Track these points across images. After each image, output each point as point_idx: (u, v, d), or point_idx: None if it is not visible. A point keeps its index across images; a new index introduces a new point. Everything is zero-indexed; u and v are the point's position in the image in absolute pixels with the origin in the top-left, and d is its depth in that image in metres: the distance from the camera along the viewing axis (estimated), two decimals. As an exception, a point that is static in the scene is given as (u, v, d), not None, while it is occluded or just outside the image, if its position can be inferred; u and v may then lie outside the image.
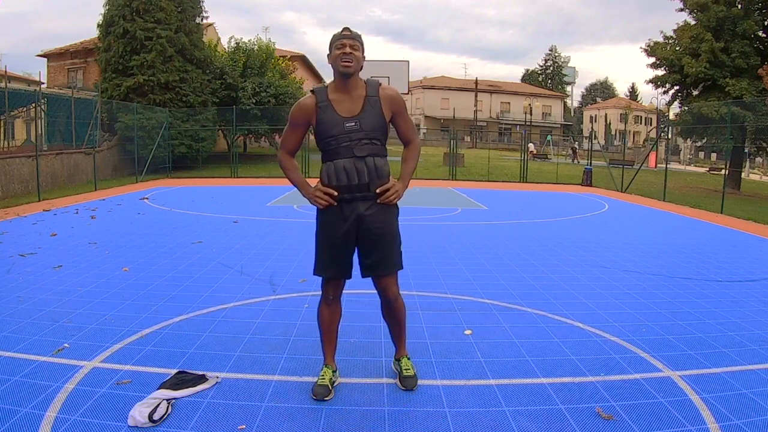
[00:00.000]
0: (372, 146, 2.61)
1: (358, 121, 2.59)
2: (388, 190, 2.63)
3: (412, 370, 2.92)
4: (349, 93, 2.62)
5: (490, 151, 27.47)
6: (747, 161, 27.82)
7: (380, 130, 2.63)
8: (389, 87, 2.70)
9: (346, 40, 2.57)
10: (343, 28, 2.63)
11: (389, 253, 2.70)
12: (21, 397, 2.67)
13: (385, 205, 2.65)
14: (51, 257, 5.86)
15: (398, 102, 2.70)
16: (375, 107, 2.62)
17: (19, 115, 18.62)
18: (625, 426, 2.53)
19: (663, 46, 19.98)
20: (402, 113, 2.72)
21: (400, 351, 3.00)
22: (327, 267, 2.75)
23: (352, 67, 2.56)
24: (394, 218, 2.73)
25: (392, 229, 2.71)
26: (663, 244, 7.70)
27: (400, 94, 2.74)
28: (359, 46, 2.60)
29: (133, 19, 19.10)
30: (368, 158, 2.59)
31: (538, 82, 71.30)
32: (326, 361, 2.90)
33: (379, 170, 2.61)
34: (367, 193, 2.60)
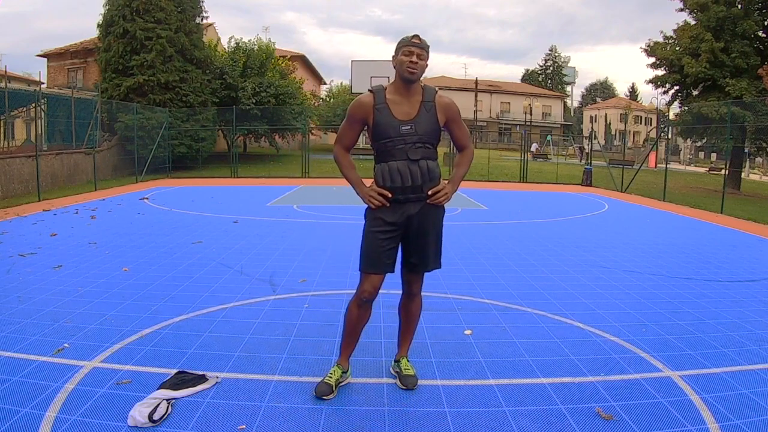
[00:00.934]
0: (425, 150, 2.68)
1: (414, 125, 2.66)
2: (439, 191, 2.71)
3: (412, 369, 2.94)
4: (406, 97, 2.69)
5: (490, 151, 27.47)
6: (747, 161, 27.82)
7: (433, 135, 2.70)
8: (445, 96, 2.78)
9: (415, 48, 2.63)
10: (413, 35, 2.67)
11: (433, 251, 2.81)
12: (21, 397, 2.67)
13: (434, 205, 2.74)
14: (51, 257, 5.86)
15: (453, 110, 2.78)
16: (430, 113, 2.69)
17: (19, 115, 18.63)
18: (625, 426, 2.53)
19: (663, 46, 19.98)
20: (457, 121, 2.80)
21: (402, 351, 3.02)
22: (376, 264, 2.74)
23: (417, 74, 2.63)
24: (441, 218, 2.83)
25: (438, 228, 2.81)
26: (663, 244, 7.70)
27: (455, 103, 2.84)
28: (425, 56, 2.66)
29: (133, 19, 19.10)
30: (421, 161, 2.67)
31: (538, 82, 71.30)
32: (339, 361, 2.90)
33: (431, 173, 2.69)
34: (420, 194, 2.68)
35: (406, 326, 3.00)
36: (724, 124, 15.01)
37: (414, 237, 2.75)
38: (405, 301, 2.95)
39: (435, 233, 2.80)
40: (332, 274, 5.36)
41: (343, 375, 2.88)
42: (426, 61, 2.67)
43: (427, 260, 2.81)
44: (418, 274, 2.87)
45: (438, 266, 2.88)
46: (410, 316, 2.97)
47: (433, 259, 2.84)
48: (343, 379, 2.89)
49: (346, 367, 2.90)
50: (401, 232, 2.74)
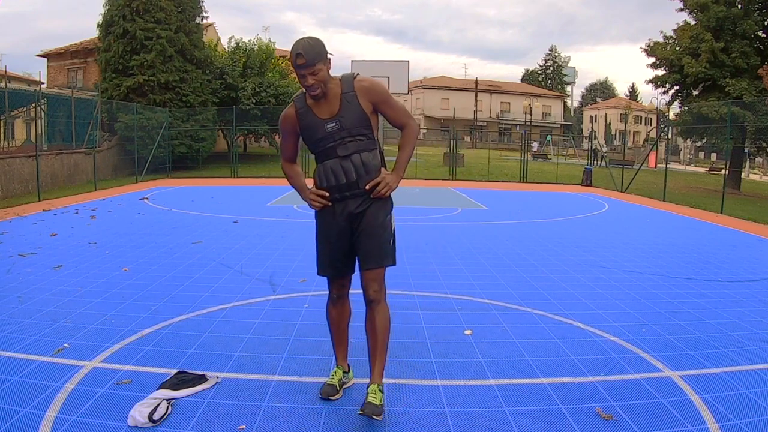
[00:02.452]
0: (357, 143, 2.55)
1: (338, 120, 2.53)
2: (378, 183, 2.56)
3: (378, 397, 2.50)
4: (325, 95, 2.53)
5: (490, 151, 27.47)
6: (747, 161, 27.81)
7: (362, 125, 2.56)
8: (365, 78, 2.58)
9: (304, 71, 2.40)
10: (296, 53, 2.39)
11: (377, 243, 2.59)
12: (21, 397, 2.67)
13: (378, 198, 2.59)
14: (51, 257, 5.86)
15: (376, 90, 2.58)
16: (352, 103, 2.54)
17: (19, 115, 18.63)
18: (625, 426, 2.53)
19: (663, 46, 19.98)
20: (385, 101, 2.60)
21: (373, 376, 2.58)
22: (326, 267, 2.72)
23: (320, 91, 2.47)
24: (386, 210, 2.64)
25: (381, 220, 2.61)
26: (663, 244, 7.70)
27: (379, 83, 2.64)
28: (320, 66, 2.41)
29: (133, 19, 19.10)
30: (354, 156, 2.55)
31: (538, 82, 71.29)
32: (337, 362, 2.89)
33: (366, 166, 2.56)
34: (356, 190, 2.57)
35: (372, 344, 2.61)
36: (724, 124, 15.02)
37: (358, 233, 2.60)
38: (367, 314, 2.64)
39: (380, 226, 2.59)
40: (332, 274, 5.35)
41: (345, 375, 2.87)
42: (323, 70, 2.43)
43: (372, 254, 2.58)
44: (370, 271, 2.59)
45: (386, 263, 2.62)
46: (374, 332, 2.59)
47: (377, 254, 2.58)
48: (347, 380, 2.88)
49: (345, 367, 2.89)
50: (347, 231, 2.62)
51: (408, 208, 11.35)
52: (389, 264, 2.65)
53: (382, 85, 2.64)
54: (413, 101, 58.28)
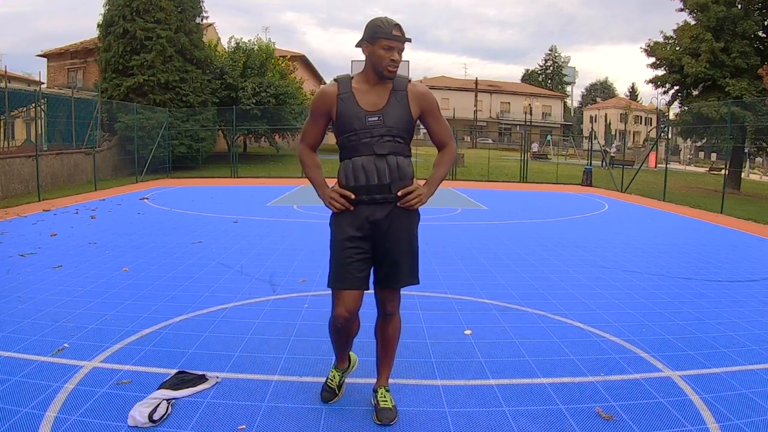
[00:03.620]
0: (395, 144, 2.35)
1: (382, 115, 2.33)
2: (411, 192, 2.37)
3: (390, 401, 2.56)
4: (375, 85, 2.38)
5: (490, 151, 27.48)
6: (747, 161, 27.81)
7: (404, 128, 2.38)
8: (420, 84, 2.48)
9: (397, 44, 2.30)
10: (395, 24, 2.32)
11: (405, 263, 2.44)
12: (21, 397, 2.67)
13: (405, 209, 2.40)
14: (51, 257, 5.86)
15: (429, 100, 2.44)
16: (401, 102, 2.37)
17: (19, 115, 18.63)
18: (625, 426, 2.53)
19: (663, 46, 19.98)
20: (434, 113, 2.47)
21: (380, 379, 2.64)
22: (341, 277, 2.38)
23: (396, 71, 2.36)
24: (414, 226, 2.49)
25: (410, 237, 2.46)
26: (663, 244, 7.70)
27: (432, 93, 2.50)
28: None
29: (133, 19, 19.10)
30: (390, 157, 2.33)
31: (538, 82, 71.30)
32: (337, 364, 2.78)
33: (401, 170, 2.35)
34: (387, 195, 2.34)
35: (383, 351, 2.60)
36: (724, 124, 15.02)
37: (383, 245, 2.40)
38: (380, 323, 2.57)
39: (407, 242, 2.44)
40: (332, 274, 5.35)
41: (345, 373, 2.83)
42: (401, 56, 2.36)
43: (398, 273, 2.43)
44: (391, 289, 2.47)
45: (414, 281, 2.50)
46: (386, 340, 2.57)
47: (407, 273, 2.46)
48: (347, 374, 2.84)
49: (345, 366, 2.83)
50: (370, 240, 2.39)
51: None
52: (415, 283, 2.54)
53: (434, 97, 2.50)
54: (413, 101, 58.17)
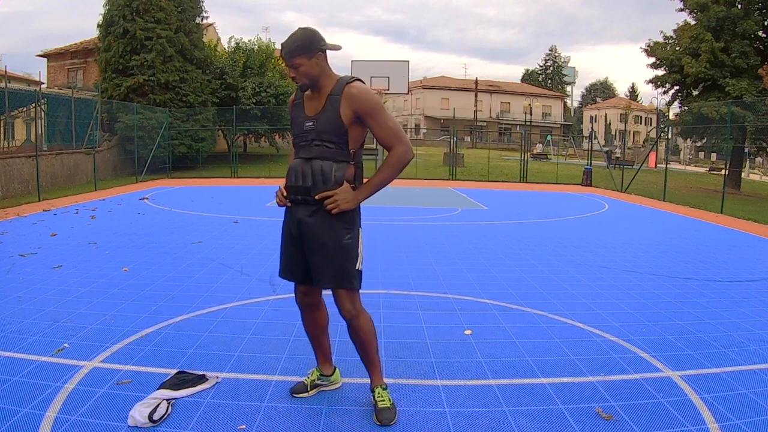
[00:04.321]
0: (322, 149, 2.41)
1: (316, 120, 2.42)
2: (329, 197, 2.38)
3: (387, 400, 2.59)
4: (318, 91, 2.45)
5: (490, 151, 27.48)
6: (747, 161, 27.82)
7: (334, 133, 2.39)
8: (357, 85, 2.40)
9: (286, 63, 2.39)
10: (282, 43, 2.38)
11: (332, 266, 2.44)
12: (21, 397, 2.67)
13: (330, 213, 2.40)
14: (51, 257, 5.86)
15: (362, 101, 2.37)
16: (334, 107, 2.39)
17: (19, 115, 18.62)
18: (625, 426, 2.53)
19: (663, 46, 19.99)
20: (371, 115, 2.38)
21: (373, 380, 2.66)
22: (282, 269, 2.63)
23: (303, 83, 2.41)
24: (341, 229, 2.44)
25: (336, 240, 2.43)
26: (663, 244, 7.70)
27: (370, 94, 2.41)
28: (300, 60, 2.35)
29: (133, 19, 19.11)
30: (315, 161, 2.41)
31: (538, 82, 71.30)
32: (317, 364, 2.84)
33: (324, 175, 2.39)
34: (307, 197, 2.43)
35: (362, 356, 2.63)
36: (724, 124, 15.02)
37: (308, 246, 2.47)
38: (348, 328, 2.58)
39: (333, 245, 2.43)
40: (332, 274, 5.35)
41: (323, 378, 2.82)
42: (305, 63, 2.35)
43: (323, 275, 2.45)
44: (335, 292, 2.49)
45: (340, 285, 2.46)
46: (358, 345, 2.59)
47: (329, 275, 2.44)
48: (326, 383, 2.83)
49: (327, 371, 2.82)
50: (298, 238, 2.50)
51: (408, 208, 11.36)
52: (347, 287, 2.48)
53: (371, 98, 2.40)
54: (413, 101, 58.32)
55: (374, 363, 2.63)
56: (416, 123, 57.72)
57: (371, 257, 6.15)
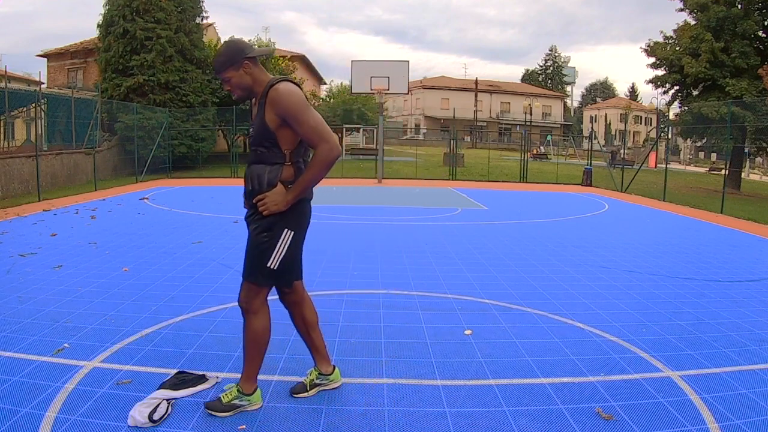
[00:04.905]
0: (257, 153, 2.48)
1: (252, 126, 2.51)
2: (260, 199, 2.46)
3: (227, 398, 2.60)
4: (255, 97, 2.53)
5: (490, 151, 27.48)
6: (747, 161, 27.83)
7: (263, 137, 2.44)
8: (279, 87, 2.39)
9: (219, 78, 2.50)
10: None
11: (246, 259, 2.57)
12: (21, 397, 2.67)
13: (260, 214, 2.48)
14: (51, 257, 5.86)
15: (280, 103, 2.36)
16: (260, 111, 2.44)
17: (19, 115, 18.62)
18: (625, 426, 2.53)
19: (663, 46, 19.99)
20: (292, 116, 2.37)
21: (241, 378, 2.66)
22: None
23: (236, 93, 2.49)
24: (260, 228, 2.50)
25: (254, 238, 2.52)
26: (663, 244, 7.70)
27: (289, 95, 2.38)
28: (229, 74, 2.43)
29: (133, 19, 19.11)
30: (252, 166, 2.50)
31: (538, 82, 71.31)
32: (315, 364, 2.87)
33: (260, 179, 2.46)
34: (248, 200, 2.54)
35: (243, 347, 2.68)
36: (724, 124, 15.02)
37: None
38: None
39: (252, 239, 2.53)
40: (332, 274, 5.36)
41: (322, 377, 2.83)
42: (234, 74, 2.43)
43: (244, 265, 2.60)
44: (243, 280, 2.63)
45: (246, 277, 2.60)
46: (243, 339, 2.66)
47: (246, 267, 2.58)
48: (324, 382, 2.84)
49: (326, 370, 2.85)
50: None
51: (408, 208, 11.36)
52: (251, 281, 2.57)
53: (289, 99, 2.37)
54: (413, 101, 58.33)
55: (248, 364, 2.62)
56: (416, 123, 57.74)
57: (371, 257, 6.16)
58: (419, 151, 29.96)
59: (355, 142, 34.40)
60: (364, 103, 33.46)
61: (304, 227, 2.66)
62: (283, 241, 2.53)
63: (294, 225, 2.55)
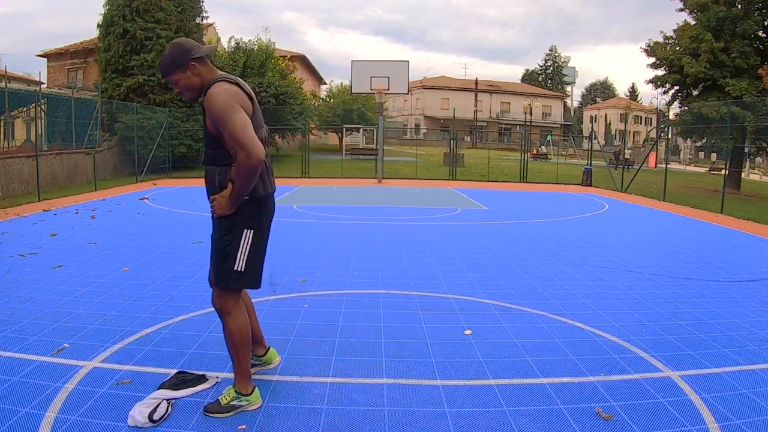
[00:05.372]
0: (208, 154, 2.52)
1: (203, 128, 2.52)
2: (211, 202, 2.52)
3: (225, 399, 2.58)
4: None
5: (490, 151, 27.48)
6: (747, 161, 27.83)
7: (208, 138, 2.47)
8: (210, 92, 2.34)
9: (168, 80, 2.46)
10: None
11: (212, 263, 2.58)
12: (21, 397, 2.67)
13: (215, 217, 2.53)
14: (51, 257, 5.86)
15: (210, 109, 2.32)
16: (203, 114, 2.46)
17: (19, 115, 18.62)
18: (625, 426, 2.53)
19: (663, 46, 19.99)
20: (218, 121, 2.31)
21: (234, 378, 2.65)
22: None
23: (186, 94, 2.48)
24: (220, 230, 2.53)
25: (216, 241, 2.55)
26: (663, 244, 7.70)
27: (218, 99, 2.30)
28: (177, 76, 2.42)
29: (133, 19, 19.10)
30: (207, 167, 2.55)
31: (538, 82, 71.32)
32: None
33: (212, 180, 2.50)
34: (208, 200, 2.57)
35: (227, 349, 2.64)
36: (724, 124, 15.02)
37: None
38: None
39: (214, 244, 2.57)
40: (332, 274, 5.36)
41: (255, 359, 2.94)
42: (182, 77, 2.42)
43: (212, 271, 2.61)
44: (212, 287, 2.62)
45: (215, 284, 2.57)
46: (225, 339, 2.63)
47: (213, 272, 2.59)
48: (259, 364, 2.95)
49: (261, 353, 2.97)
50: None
51: (408, 208, 11.36)
52: (221, 286, 2.55)
53: (216, 104, 2.30)
54: (413, 101, 58.34)
55: (237, 364, 2.61)
56: (416, 123, 57.75)
57: (371, 257, 6.16)
58: (419, 151, 29.97)
59: (355, 142, 34.41)
60: (364, 103, 33.48)
61: (266, 224, 2.65)
62: (245, 241, 2.53)
63: (252, 224, 2.55)
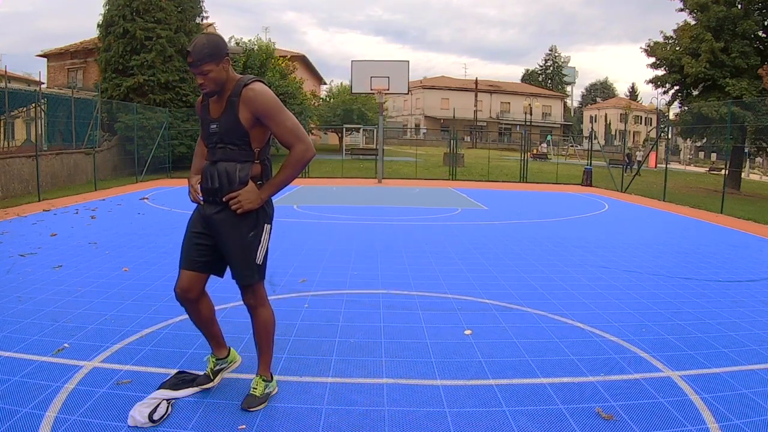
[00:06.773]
0: (225, 151, 2.49)
1: (218, 123, 2.49)
2: (234, 198, 2.47)
3: (259, 388, 2.67)
4: (222, 93, 2.51)
5: (490, 151, 27.48)
6: (747, 161, 27.83)
7: (235, 134, 2.46)
8: (254, 87, 2.44)
9: (193, 70, 2.44)
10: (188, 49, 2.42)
11: (238, 263, 2.57)
12: (21, 397, 2.67)
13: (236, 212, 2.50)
14: (51, 257, 5.86)
15: (259, 103, 2.42)
16: (233, 109, 2.45)
17: (19, 115, 18.62)
18: (625, 426, 2.53)
19: (663, 46, 20.00)
20: (270, 116, 2.44)
21: (259, 368, 2.73)
22: (183, 257, 2.63)
23: (209, 90, 2.47)
24: (244, 227, 2.54)
25: (239, 238, 2.53)
26: (663, 244, 7.70)
27: (266, 95, 2.44)
28: (209, 66, 2.41)
29: (133, 19, 19.10)
30: (219, 163, 2.50)
31: (538, 82, 71.32)
32: (212, 351, 2.86)
33: (229, 176, 2.47)
34: (215, 198, 2.52)
35: (257, 342, 2.74)
36: (724, 124, 15.02)
37: (219, 244, 2.57)
38: (250, 316, 2.73)
39: (238, 242, 2.53)
40: (332, 274, 5.36)
41: (221, 361, 2.86)
42: (213, 68, 2.41)
43: (233, 270, 2.60)
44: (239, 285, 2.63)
45: (247, 281, 2.59)
46: (255, 333, 2.71)
47: (240, 271, 2.57)
48: (224, 365, 2.88)
49: (223, 354, 2.86)
50: (204, 233, 2.59)
51: (408, 208, 11.36)
52: (253, 282, 2.60)
53: (268, 98, 2.43)
54: (413, 101, 58.34)
55: (264, 354, 2.72)
56: (416, 123, 57.75)
57: (371, 257, 6.16)
58: (419, 151, 29.97)
59: (355, 142, 34.41)
60: (364, 103, 33.49)
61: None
62: (265, 236, 2.65)
63: (269, 219, 2.68)
